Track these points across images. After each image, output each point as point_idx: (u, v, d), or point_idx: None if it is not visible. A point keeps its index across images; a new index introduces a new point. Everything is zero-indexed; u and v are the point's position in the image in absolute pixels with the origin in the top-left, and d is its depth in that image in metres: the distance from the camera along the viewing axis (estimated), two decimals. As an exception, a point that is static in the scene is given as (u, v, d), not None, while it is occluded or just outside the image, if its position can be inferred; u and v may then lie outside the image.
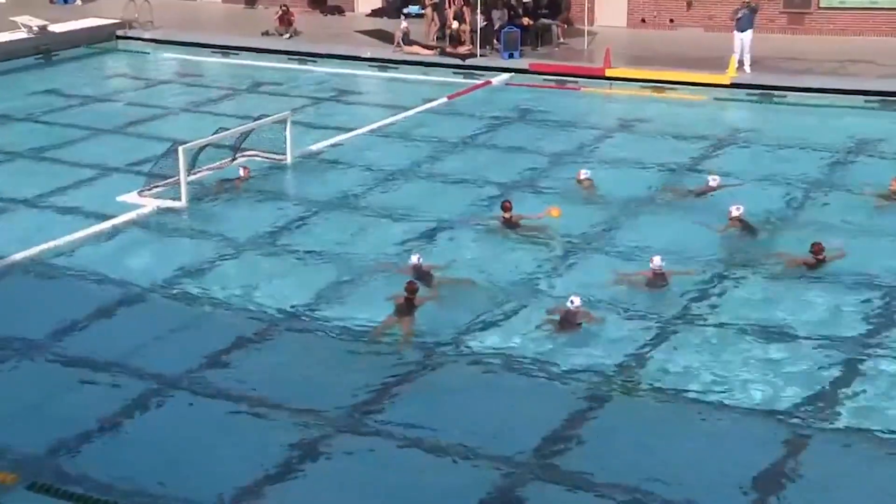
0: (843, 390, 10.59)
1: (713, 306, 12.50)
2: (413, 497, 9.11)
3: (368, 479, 9.29)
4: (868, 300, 12.56)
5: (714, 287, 12.98)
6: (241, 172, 17.02)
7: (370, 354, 11.45)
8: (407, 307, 12.01)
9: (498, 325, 12.03)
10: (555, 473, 9.31)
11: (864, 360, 11.19)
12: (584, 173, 16.52)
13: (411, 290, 12.10)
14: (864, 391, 10.57)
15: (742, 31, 23.33)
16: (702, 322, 12.12)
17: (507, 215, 14.74)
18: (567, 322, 11.76)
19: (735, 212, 14.49)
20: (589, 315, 11.91)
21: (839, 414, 10.16)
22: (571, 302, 11.79)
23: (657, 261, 12.86)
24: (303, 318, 12.36)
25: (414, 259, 13.19)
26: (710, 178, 16.33)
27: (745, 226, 14.52)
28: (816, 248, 13.29)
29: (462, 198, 16.32)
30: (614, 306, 12.39)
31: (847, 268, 13.28)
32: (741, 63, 23.31)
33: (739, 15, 23.38)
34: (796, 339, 11.64)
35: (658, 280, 12.88)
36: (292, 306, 12.57)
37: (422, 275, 12.97)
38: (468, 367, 11.21)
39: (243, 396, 10.56)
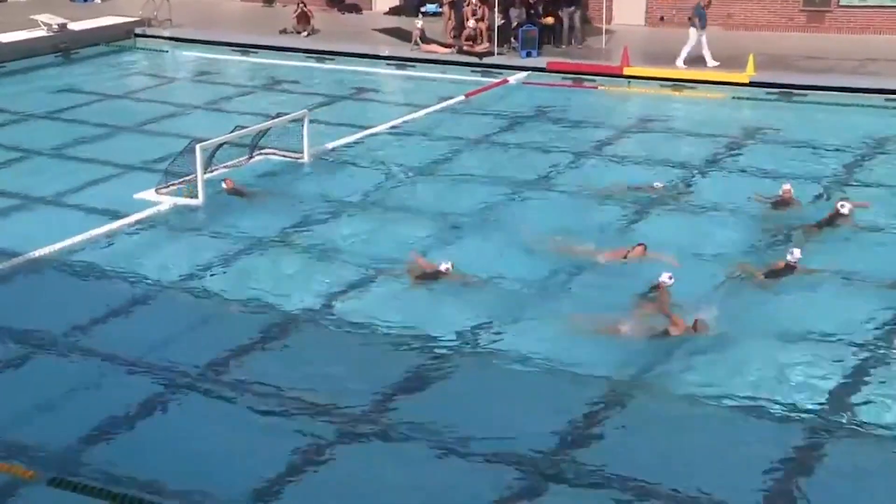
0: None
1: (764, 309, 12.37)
2: (430, 496, 9.08)
3: (386, 477, 9.27)
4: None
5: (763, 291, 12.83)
6: (224, 185, 16.26)
7: (389, 352, 11.44)
8: None
9: (522, 326, 11.97)
10: (572, 473, 9.26)
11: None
12: (657, 183, 16.33)
13: None
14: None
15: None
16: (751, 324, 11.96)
17: None
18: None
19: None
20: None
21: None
22: (669, 277, 12.03)
23: (797, 254, 12.82)
24: (320, 315, 12.34)
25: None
26: (784, 186, 15.61)
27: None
28: None
29: (480, 196, 16.25)
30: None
31: (877, 268, 13.20)
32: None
33: None
34: (838, 341, 11.50)
35: (786, 272, 12.79)
36: (309, 304, 12.56)
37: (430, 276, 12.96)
38: (492, 366, 11.19)
39: (262, 393, 10.56)
